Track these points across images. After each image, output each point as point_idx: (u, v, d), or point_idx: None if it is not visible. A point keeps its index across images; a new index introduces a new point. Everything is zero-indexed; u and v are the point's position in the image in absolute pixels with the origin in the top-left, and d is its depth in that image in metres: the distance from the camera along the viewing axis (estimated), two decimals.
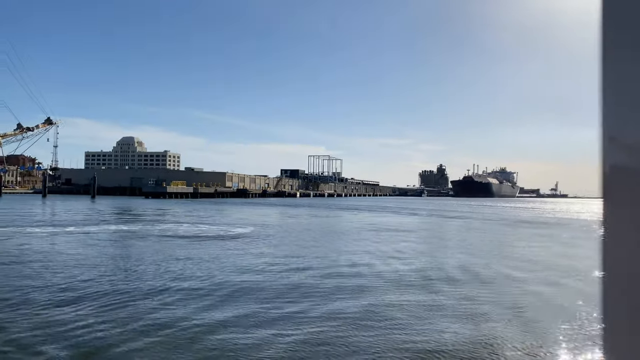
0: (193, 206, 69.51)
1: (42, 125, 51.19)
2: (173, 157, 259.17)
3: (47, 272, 14.50)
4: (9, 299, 10.90)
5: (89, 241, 23.04)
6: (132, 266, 15.92)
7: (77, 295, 11.46)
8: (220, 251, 20.19)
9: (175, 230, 29.49)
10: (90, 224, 33.36)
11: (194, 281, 13.50)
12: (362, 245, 23.27)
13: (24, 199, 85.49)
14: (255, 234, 27.96)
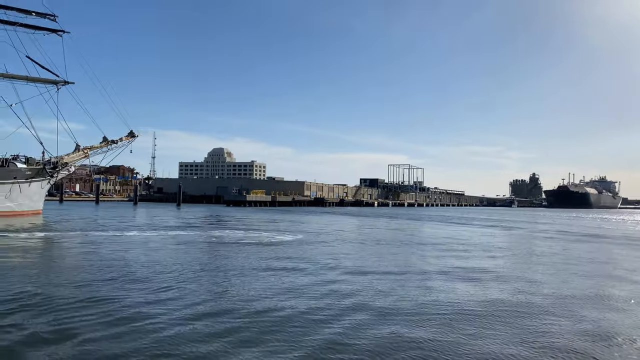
0: (268, 214, 71.78)
1: (125, 138, 55.04)
2: (259, 167, 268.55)
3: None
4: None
5: (129, 244, 24.90)
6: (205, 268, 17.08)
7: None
8: (257, 259, 20.89)
9: (233, 236, 30.91)
10: (159, 228, 35.84)
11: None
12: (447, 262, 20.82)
13: (117, 206, 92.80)
14: (306, 241, 28.58)
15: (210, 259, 19.94)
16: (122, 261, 18.46)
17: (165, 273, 15.90)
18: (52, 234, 30.20)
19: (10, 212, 45.00)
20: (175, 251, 22.50)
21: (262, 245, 26.17)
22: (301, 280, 15.20)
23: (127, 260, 18.66)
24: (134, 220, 48.30)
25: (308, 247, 25.32)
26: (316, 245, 26.49)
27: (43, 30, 47.91)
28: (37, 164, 49.00)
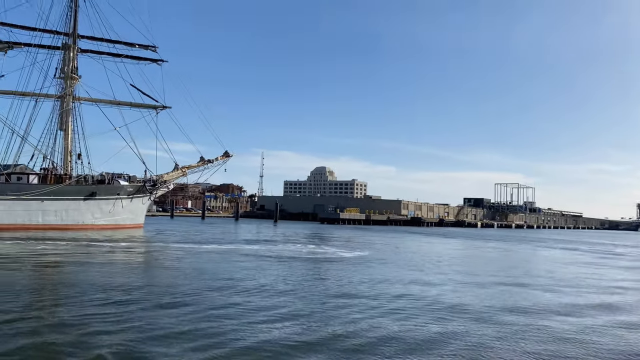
0: (352, 232, 72.20)
1: (220, 157, 58.74)
2: (359, 186, 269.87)
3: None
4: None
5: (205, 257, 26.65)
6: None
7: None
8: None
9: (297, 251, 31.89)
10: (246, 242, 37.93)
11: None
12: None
13: (218, 222, 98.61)
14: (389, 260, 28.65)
15: (264, 271, 20.86)
16: (186, 269, 20.01)
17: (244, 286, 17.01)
18: (137, 244, 33.25)
19: (113, 225, 49.92)
20: (229, 262, 23.84)
21: (316, 261, 26.69)
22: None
23: (193, 269, 20.16)
24: (219, 234, 51.17)
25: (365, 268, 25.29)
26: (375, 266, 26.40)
27: (145, 60, 53.14)
28: (138, 181, 53.96)
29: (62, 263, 21.93)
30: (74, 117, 49.93)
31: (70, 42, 49.59)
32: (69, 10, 49.47)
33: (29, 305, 12.31)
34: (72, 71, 49.59)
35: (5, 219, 41.19)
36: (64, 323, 10.38)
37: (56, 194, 44.63)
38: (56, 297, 13.80)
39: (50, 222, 44.16)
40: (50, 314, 11.42)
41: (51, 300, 13.31)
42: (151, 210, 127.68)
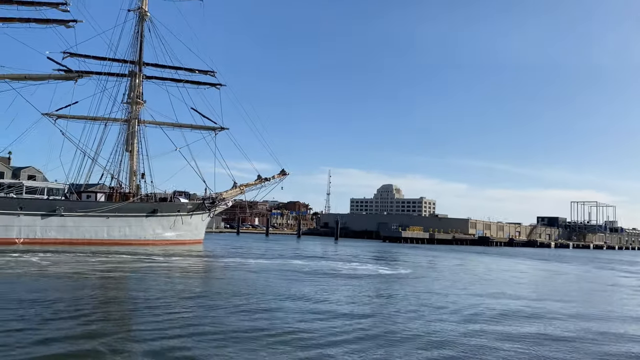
0: (411, 250, 71.39)
1: (277, 175, 60.52)
2: (428, 204, 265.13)
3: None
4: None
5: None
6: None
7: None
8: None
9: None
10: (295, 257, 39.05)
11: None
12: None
13: (281, 239, 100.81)
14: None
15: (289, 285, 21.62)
16: (232, 283, 21.17)
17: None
18: (196, 259, 35.13)
19: (174, 240, 52.64)
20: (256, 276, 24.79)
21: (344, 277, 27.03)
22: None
23: (234, 284, 21.32)
24: (273, 250, 52.50)
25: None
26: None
27: (205, 84, 56.13)
28: (197, 199, 56.66)
29: (137, 273, 23.87)
30: (139, 139, 53.52)
31: (137, 69, 53.43)
32: (135, 41, 53.43)
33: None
34: (138, 96, 53.31)
35: (75, 234, 44.71)
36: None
37: (120, 211, 47.87)
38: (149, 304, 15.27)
39: (115, 238, 47.35)
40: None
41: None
42: (219, 227, 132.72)
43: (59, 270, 24.34)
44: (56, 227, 43.65)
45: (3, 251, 32.82)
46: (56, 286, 19.06)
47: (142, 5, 53.86)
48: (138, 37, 53.71)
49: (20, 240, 41.31)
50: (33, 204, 43.19)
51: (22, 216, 41.62)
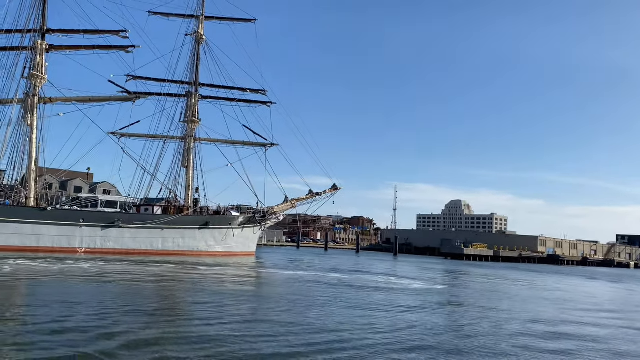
0: (472, 268, 69.56)
1: (329, 190, 61.55)
2: (499, 220, 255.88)
3: None
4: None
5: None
6: None
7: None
8: None
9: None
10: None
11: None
12: None
13: (338, 254, 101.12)
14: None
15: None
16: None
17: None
18: (247, 270, 36.71)
19: (225, 252, 54.74)
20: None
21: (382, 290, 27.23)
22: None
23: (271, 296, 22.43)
24: (326, 264, 53.19)
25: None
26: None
27: (256, 103, 58.40)
28: (248, 212, 58.64)
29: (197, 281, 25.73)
30: (194, 156, 56.40)
31: (193, 90, 56.60)
32: (192, 63, 56.72)
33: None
34: (194, 115, 56.36)
35: (131, 245, 47.76)
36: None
37: (175, 224, 50.59)
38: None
39: (169, 248, 50.05)
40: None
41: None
42: (280, 240, 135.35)
43: (131, 277, 26.50)
44: (114, 238, 46.89)
45: (65, 259, 35.91)
46: (135, 291, 20.97)
47: (199, 29, 57.20)
48: (194, 59, 57.02)
49: (82, 250, 44.75)
50: (94, 216, 46.74)
51: (83, 227, 45.13)
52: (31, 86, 45.50)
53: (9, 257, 33.49)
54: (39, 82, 45.68)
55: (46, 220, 43.05)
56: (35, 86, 45.56)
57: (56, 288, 21.03)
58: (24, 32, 45.27)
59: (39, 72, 45.51)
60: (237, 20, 58.85)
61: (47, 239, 42.83)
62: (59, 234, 43.55)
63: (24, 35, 45.44)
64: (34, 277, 24.31)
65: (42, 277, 24.45)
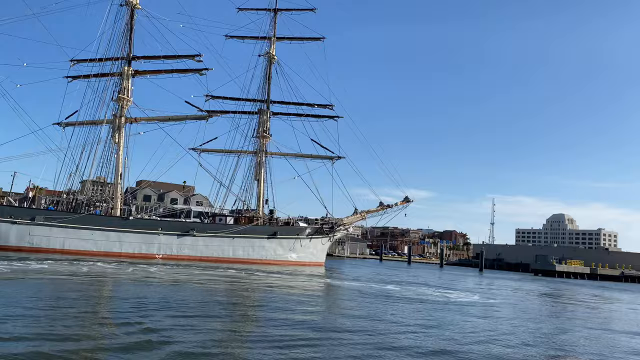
0: (563, 286, 65.94)
1: (400, 202, 61.90)
2: (608, 236, 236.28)
3: None
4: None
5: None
6: None
7: None
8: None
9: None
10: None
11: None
12: None
13: (422, 267, 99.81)
14: None
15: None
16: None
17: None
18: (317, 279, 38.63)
19: (294, 261, 56.90)
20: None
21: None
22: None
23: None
24: (388, 276, 53.44)
25: None
26: None
27: (323, 117, 60.46)
28: (315, 224, 60.46)
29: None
30: (265, 169, 59.51)
31: (265, 107, 59.90)
32: (263, 82, 60.11)
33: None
34: (265, 131, 59.56)
35: (204, 252, 51.39)
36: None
37: (244, 233, 53.65)
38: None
39: (239, 256, 53.12)
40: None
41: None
42: (363, 253, 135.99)
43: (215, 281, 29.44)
44: (189, 245, 50.77)
45: (148, 263, 39.88)
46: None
47: (271, 50, 60.59)
48: (266, 78, 60.37)
49: (160, 256, 49.01)
50: (171, 225, 51.02)
51: (161, 235, 49.44)
52: (118, 108, 50.98)
53: (94, 260, 38.00)
54: (125, 104, 51.07)
55: (128, 229, 47.82)
56: (122, 108, 51.00)
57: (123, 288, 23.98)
58: (113, 59, 50.94)
59: (126, 95, 50.91)
60: (307, 40, 61.52)
61: (128, 245, 47.52)
62: (139, 241, 48.12)
63: (113, 62, 51.13)
64: (99, 278, 27.69)
65: (100, 278, 27.78)
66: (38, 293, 19.13)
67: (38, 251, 42.60)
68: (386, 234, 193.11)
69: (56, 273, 27.37)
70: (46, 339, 11.42)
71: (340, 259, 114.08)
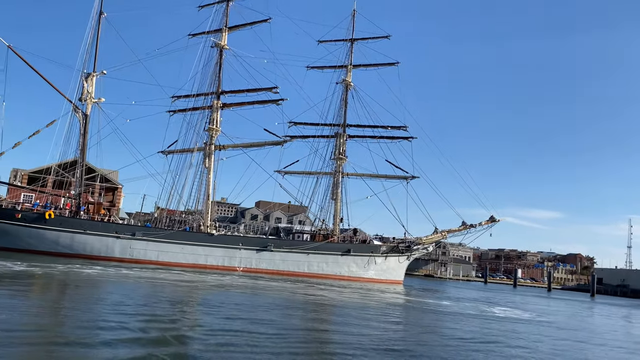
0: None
1: (485, 222, 61.63)
2: None
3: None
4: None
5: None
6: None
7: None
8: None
9: None
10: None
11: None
12: None
13: (528, 291, 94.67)
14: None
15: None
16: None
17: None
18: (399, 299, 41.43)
19: (369, 278, 59.13)
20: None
21: None
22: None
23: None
24: (482, 302, 53.22)
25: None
26: None
27: (398, 139, 62.49)
28: (390, 242, 62.14)
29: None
30: (342, 189, 62.82)
31: (341, 131, 63.58)
32: (340, 108, 63.95)
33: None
34: (341, 153, 63.11)
35: (281, 266, 55.79)
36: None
37: (319, 249, 57.24)
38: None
39: (313, 271, 56.73)
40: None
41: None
42: (468, 275, 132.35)
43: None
44: (267, 259, 55.51)
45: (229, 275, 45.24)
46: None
47: (347, 77, 64.42)
48: (343, 104, 64.18)
49: (240, 269, 54.31)
50: (251, 240, 56.27)
51: (242, 250, 54.80)
52: (209, 137, 57.90)
53: (184, 271, 44.18)
54: (215, 133, 57.88)
55: (213, 244, 53.84)
56: (211, 137, 57.86)
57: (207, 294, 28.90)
58: (205, 95, 58.18)
59: (215, 126, 57.74)
60: (382, 65, 64.37)
61: (212, 258, 53.48)
62: (223, 255, 53.88)
63: (205, 97, 58.39)
64: (194, 286, 32.97)
65: (191, 285, 32.99)
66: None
67: (137, 262, 49.99)
68: (500, 256, 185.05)
69: (178, 281, 33.20)
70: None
71: (441, 280, 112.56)
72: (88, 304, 19.20)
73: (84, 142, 53.05)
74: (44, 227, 48.19)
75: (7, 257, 38.41)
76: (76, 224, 49.62)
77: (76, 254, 48.65)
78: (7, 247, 46.42)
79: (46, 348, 11.45)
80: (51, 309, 17.34)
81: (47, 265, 35.32)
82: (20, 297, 19.37)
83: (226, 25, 59.17)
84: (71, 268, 35.07)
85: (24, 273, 28.53)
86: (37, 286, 25.03)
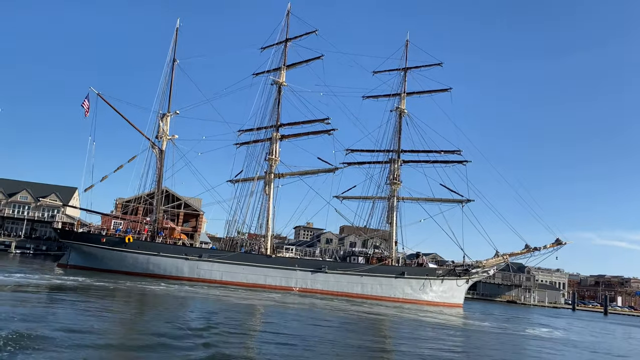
0: None
1: (550, 245, 60.66)
2: None
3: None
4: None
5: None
6: None
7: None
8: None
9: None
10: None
11: None
12: None
13: (620, 320, 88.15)
14: None
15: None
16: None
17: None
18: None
19: (424, 301, 60.00)
20: None
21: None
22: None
23: None
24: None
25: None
26: None
27: (452, 163, 63.43)
28: (447, 265, 62.54)
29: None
30: (397, 212, 64.59)
31: (395, 156, 65.73)
32: (394, 134, 66.27)
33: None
34: (395, 178, 65.13)
35: (334, 287, 58.48)
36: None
37: (372, 272, 59.28)
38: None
39: (367, 293, 58.77)
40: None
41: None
42: (556, 301, 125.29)
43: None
44: (321, 281, 58.52)
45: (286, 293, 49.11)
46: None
47: (401, 105, 66.79)
48: (397, 131, 66.45)
49: (296, 289, 57.77)
50: (306, 262, 59.67)
51: (298, 271, 58.33)
52: (269, 166, 62.77)
53: (244, 290, 48.75)
54: (274, 163, 62.64)
55: (271, 265, 57.96)
56: (271, 166, 62.68)
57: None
58: (265, 128, 63.37)
59: (274, 156, 62.54)
60: (434, 92, 66.01)
61: (270, 279, 57.50)
62: (280, 275, 57.74)
63: (266, 130, 63.58)
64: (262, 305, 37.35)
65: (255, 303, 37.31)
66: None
67: (203, 281, 55.31)
68: (599, 283, 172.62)
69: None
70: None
71: (524, 307, 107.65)
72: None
73: (159, 174, 60.06)
74: (124, 250, 55.14)
75: (91, 275, 45.32)
76: (151, 247, 56.12)
77: (152, 273, 54.97)
78: (94, 267, 53.89)
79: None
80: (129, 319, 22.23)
81: (122, 281, 41.48)
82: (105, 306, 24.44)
83: (284, 64, 64.33)
84: (146, 286, 41.12)
85: (104, 288, 34.61)
86: (116, 298, 30.49)
